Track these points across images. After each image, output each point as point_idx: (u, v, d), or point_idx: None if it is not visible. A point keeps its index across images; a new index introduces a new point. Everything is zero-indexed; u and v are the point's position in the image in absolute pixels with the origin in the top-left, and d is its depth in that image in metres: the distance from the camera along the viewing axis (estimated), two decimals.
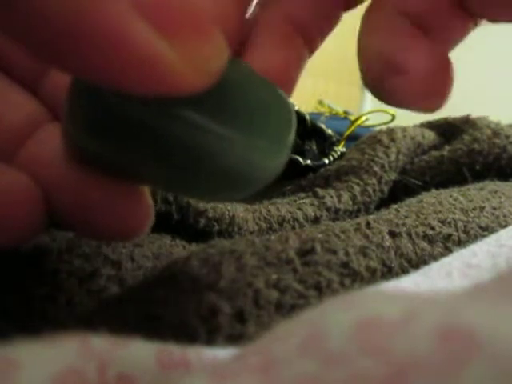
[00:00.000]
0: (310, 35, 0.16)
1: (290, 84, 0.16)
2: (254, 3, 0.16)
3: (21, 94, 0.16)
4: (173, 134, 0.12)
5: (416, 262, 0.17)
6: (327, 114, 0.47)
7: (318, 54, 0.18)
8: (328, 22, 0.17)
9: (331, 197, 0.26)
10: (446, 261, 0.16)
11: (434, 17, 0.16)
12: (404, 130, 0.31)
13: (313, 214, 0.25)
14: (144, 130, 0.12)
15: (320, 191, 0.26)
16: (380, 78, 0.16)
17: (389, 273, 0.16)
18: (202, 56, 0.11)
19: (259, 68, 0.15)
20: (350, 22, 0.17)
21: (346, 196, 0.26)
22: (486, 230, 0.20)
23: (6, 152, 0.15)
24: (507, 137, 0.29)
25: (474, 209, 0.21)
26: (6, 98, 0.16)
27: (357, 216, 0.26)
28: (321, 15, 0.16)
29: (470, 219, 0.20)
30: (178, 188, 0.15)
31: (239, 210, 0.23)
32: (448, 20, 0.16)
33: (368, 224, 0.18)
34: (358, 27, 0.18)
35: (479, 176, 0.27)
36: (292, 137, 0.14)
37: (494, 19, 0.16)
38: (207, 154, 0.12)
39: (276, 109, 0.14)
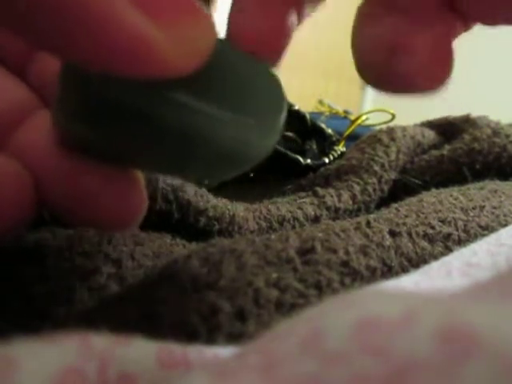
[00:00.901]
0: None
1: (278, 52, 0.16)
2: None
3: (10, 80, 0.16)
4: (163, 116, 0.12)
5: (416, 261, 0.17)
6: (327, 114, 0.47)
7: (317, 53, 0.18)
8: None
9: (331, 196, 0.26)
10: (446, 260, 0.16)
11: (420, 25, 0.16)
12: (404, 129, 0.31)
13: (313, 213, 0.25)
14: (134, 114, 0.12)
15: (320, 190, 0.26)
16: (386, 62, 0.16)
17: (389, 272, 0.16)
18: (189, 37, 0.11)
19: (244, 35, 0.15)
20: (350, 22, 0.17)
21: (346, 195, 0.26)
22: (486, 229, 0.20)
23: None
24: (507, 136, 0.29)
25: (474, 208, 0.21)
26: None
27: (357, 215, 0.26)
28: None
29: (470, 218, 0.20)
30: (170, 170, 0.14)
31: (239, 210, 0.23)
32: (435, 24, 0.16)
33: (368, 223, 0.18)
34: None
35: (479, 175, 0.27)
36: (283, 115, 0.14)
37: (486, 22, 0.16)
38: (199, 135, 0.12)
39: (266, 88, 0.14)
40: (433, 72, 0.16)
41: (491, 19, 0.15)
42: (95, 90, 0.12)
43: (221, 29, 0.16)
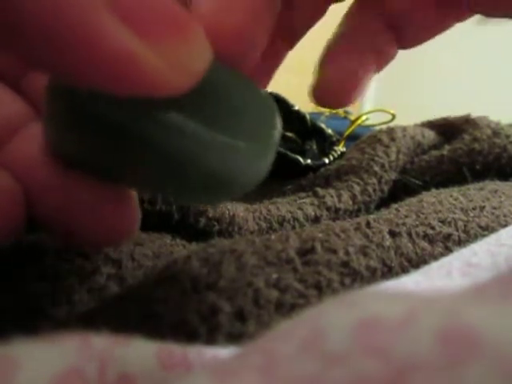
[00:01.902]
0: (293, 33, 0.16)
1: (264, 80, 0.16)
2: None
3: (3, 91, 0.16)
4: (151, 136, 0.12)
5: (416, 262, 0.17)
6: (327, 114, 0.47)
7: (317, 54, 0.18)
8: (312, 18, 0.17)
9: (331, 196, 0.26)
10: (446, 260, 0.16)
11: (411, 11, 0.17)
12: (404, 129, 0.31)
13: (313, 213, 0.25)
14: (122, 131, 0.12)
15: (320, 191, 0.26)
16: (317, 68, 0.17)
17: (389, 272, 0.16)
18: (181, 56, 0.10)
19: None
20: None
21: (346, 195, 0.26)
22: (486, 230, 0.20)
23: None
24: (507, 136, 0.29)
25: (474, 208, 0.21)
26: None
27: (357, 215, 0.26)
28: (306, 8, 0.16)
29: (470, 219, 0.20)
30: (160, 190, 0.14)
31: (239, 210, 0.23)
32: (427, 14, 0.17)
33: (368, 223, 0.18)
34: None
35: (479, 176, 0.27)
36: (275, 138, 0.14)
37: (488, 13, 0.16)
38: (187, 156, 0.12)
39: (259, 109, 0.13)
40: (333, 95, 0.17)
41: (493, 10, 0.16)
42: (82, 105, 0.12)
43: None
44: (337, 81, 0.17)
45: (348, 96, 0.17)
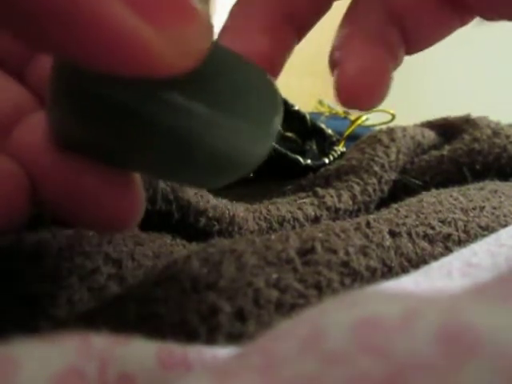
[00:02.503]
0: (300, 22, 0.16)
1: (274, 70, 0.16)
2: None
3: (8, 80, 0.16)
4: (156, 117, 0.12)
5: (416, 262, 0.17)
6: (327, 114, 0.47)
7: (317, 53, 0.18)
8: (318, 10, 0.17)
9: (331, 196, 0.26)
10: (446, 260, 0.16)
11: (416, 15, 0.16)
12: (404, 129, 0.31)
13: (313, 213, 0.25)
14: (127, 113, 0.12)
15: (320, 191, 0.26)
16: (331, 70, 0.17)
17: (389, 272, 0.16)
18: (185, 37, 0.10)
19: (242, 51, 0.15)
20: None
21: (346, 195, 0.26)
22: (486, 230, 0.20)
23: None
24: (507, 136, 0.29)
25: (474, 208, 0.21)
26: None
27: (357, 215, 0.26)
28: (312, 2, 0.16)
29: (470, 219, 0.20)
30: (164, 173, 0.14)
31: (239, 210, 0.23)
32: (432, 18, 0.16)
33: (368, 223, 0.18)
34: None
35: (479, 176, 0.27)
36: (278, 120, 0.14)
37: (487, 16, 0.16)
38: (192, 137, 0.12)
39: (262, 93, 0.14)
40: (360, 93, 0.16)
41: (492, 13, 0.16)
42: (87, 88, 0.12)
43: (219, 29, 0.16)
44: (362, 76, 0.16)
45: (376, 93, 0.16)
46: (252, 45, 0.15)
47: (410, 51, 0.17)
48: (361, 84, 0.16)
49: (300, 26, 0.16)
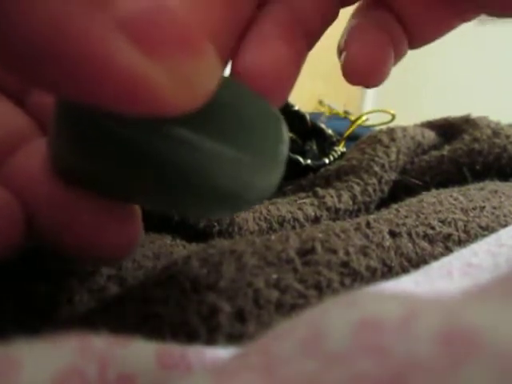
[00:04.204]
0: (311, 31, 0.16)
1: (291, 79, 0.16)
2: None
3: (8, 106, 0.16)
4: (159, 151, 0.12)
5: (416, 262, 0.17)
6: (327, 114, 0.47)
7: (317, 54, 0.18)
8: (327, 18, 0.17)
9: (331, 196, 0.26)
10: (446, 260, 0.16)
11: (417, 13, 0.17)
12: (404, 129, 0.31)
13: (313, 213, 0.25)
14: (131, 148, 0.12)
15: (320, 191, 0.26)
16: (338, 56, 0.18)
17: (389, 272, 0.16)
18: (192, 75, 0.10)
19: (260, 61, 0.15)
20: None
21: (346, 196, 0.26)
22: (487, 230, 0.20)
23: None
24: (507, 136, 0.29)
25: (474, 208, 0.21)
26: None
27: (357, 216, 0.26)
28: (321, 11, 0.17)
29: (471, 219, 0.20)
30: (166, 205, 0.14)
31: None
32: (433, 15, 0.17)
33: (368, 224, 0.18)
34: None
35: (479, 176, 0.27)
36: (283, 154, 0.14)
37: (492, 13, 0.16)
38: (197, 174, 0.12)
39: (267, 126, 0.13)
40: (364, 69, 0.17)
41: (495, 10, 0.16)
42: (91, 124, 0.12)
43: None
44: (365, 55, 0.17)
45: (377, 69, 0.17)
46: (270, 53, 0.15)
47: (413, 46, 0.18)
48: (365, 61, 0.17)
49: (311, 35, 0.17)
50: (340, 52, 0.17)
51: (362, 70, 0.17)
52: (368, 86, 0.17)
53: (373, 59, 0.17)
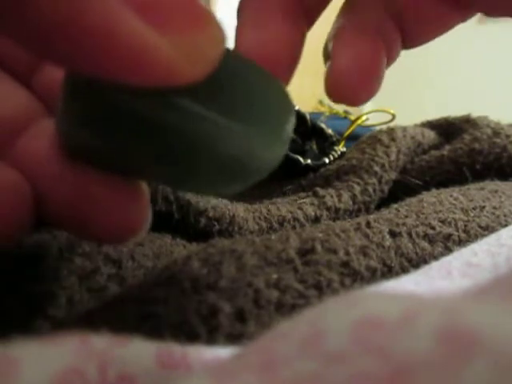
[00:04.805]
0: (311, 8, 0.16)
1: (293, 58, 0.16)
2: None
3: (14, 87, 0.16)
4: (169, 124, 0.12)
5: (416, 262, 0.17)
6: (327, 114, 0.47)
7: (317, 53, 0.18)
8: None
9: (331, 196, 0.26)
10: (446, 260, 0.16)
11: (414, 9, 0.16)
12: (404, 129, 0.31)
13: (313, 213, 0.25)
14: (140, 121, 0.12)
15: (320, 191, 0.26)
16: (325, 62, 0.17)
17: (389, 272, 0.16)
18: (197, 45, 0.10)
19: (261, 41, 0.15)
20: None
21: (346, 195, 0.26)
22: (487, 230, 0.20)
23: None
24: (507, 136, 0.29)
25: (474, 208, 0.21)
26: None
27: (357, 215, 0.26)
28: None
29: (471, 219, 0.20)
30: (175, 181, 0.14)
31: (239, 210, 0.23)
32: (430, 13, 0.16)
33: (368, 223, 0.18)
34: None
35: (479, 175, 0.27)
36: (290, 126, 0.14)
37: (489, 12, 0.16)
38: (205, 143, 0.12)
39: (274, 98, 0.14)
40: (350, 89, 0.15)
41: (493, 10, 0.16)
42: (99, 97, 0.12)
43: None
44: (353, 67, 0.15)
45: (367, 86, 0.15)
46: (273, 32, 0.15)
47: (408, 45, 0.17)
48: (350, 80, 0.15)
49: (311, 13, 0.16)
50: (325, 56, 0.17)
51: (349, 87, 0.15)
52: (353, 104, 0.16)
53: (362, 75, 0.15)
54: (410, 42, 0.17)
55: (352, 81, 0.15)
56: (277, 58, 0.15)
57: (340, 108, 0.48)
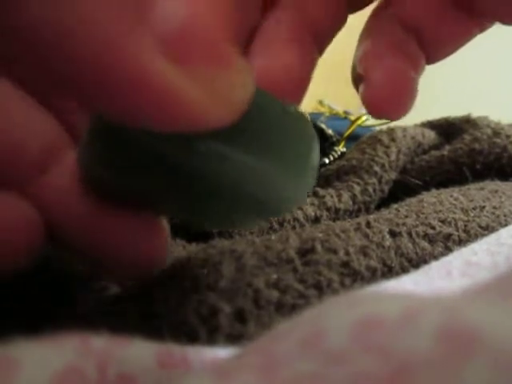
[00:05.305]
0: (321, 34, 0.16)
1: (303, 82, 0.16)
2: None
3: (42, 116, 0.15)
4: (192, 166, 0.12)
5: (416, 262, 0.17)
6: (327, 114, 0.47)
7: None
8: (336, 22, 0.17)
9: (331, 196, 0.26)
10: (446, 260, 0.16)
11: (433, 25, 0.16)
12: (404, 129, 0.31)
13: (313, 213, 0.25)
14: (162, 161, 0.12)
15: (320, 191, 0.26)
16: (355, 84, 0.17)
17: (389, 272, 0.16)
18: (225, 90, 0.10)
19: (272, 66, 0.15)
20: (351, 22, 0.17)
21: (346, 196, 0.26)
22: (487, 230, 0.20)
23: (21, 180, 0.14)
24: (508, 136, 0.29)
25: (474, 208, 0.21)
26: (25, 122, 0.15)
27: (357, 216, 0.26)
28: (330, 14, 0.16)
29: (471, 219, 0.20)
30: (193, 216, 0.14)
31: None
32: (449, 27, 0.16)
33: (368, 223, 0.18)
34: (357, 28, 0.18)
35: (479, 175, 0.27)
36: (314, 164, 0.14)
37: (505, 21, 0.16)
38: (226, 182, 0.12)
39: (298, 137, 0.13)
40: (388, 103, 0.16)
41: (509, 17, 0.16)
42: (122, 136, 0.12)
43: None
44: (389, 84, 0.16)
45: (404, 101, 0.16)
46: (282, 58, 0.15)
47: (431, 61, 0.18)
48: (388, 96, 0.16)
49: (321, 40, 0.17)
50: (356, 78, 0.17)
51: (389, 103, 0.16)
52: (394, 118, 0.16)
53: (399, 91, 0.16)
54: (433, 57, 0.17)
55: (390, 96, 0.16)
56: (285, 84, 0.15)
57: (340, 108, 0.48)
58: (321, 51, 0.17)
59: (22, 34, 0.09)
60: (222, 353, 0.11)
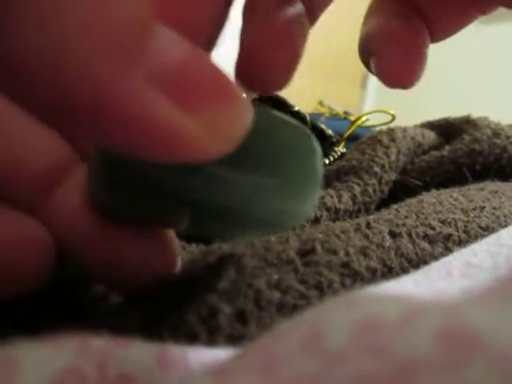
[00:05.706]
0: (313, 8, 0.17)
1: (294, 51, 0.16)
2: None
3: (49, 135, 0.15)
4: (194, 190, 0.12)
5: (416, 262, 0.17)
6: (327, 115, 0.47)
7: (318, 54, 0.18)
8: None
9: (331, 197, 0.26)
10: (446, 260, 0.16)
11: (439, 6, 0.17)
12: (404, 130, 0.31)
13: (313, 214, 0.25)
14: (165, 189, 0.12)
15: (320, 191, 0.26)
16: (365, 59, 0.18)
17: (389, 273, 0.16)
18: (224, 124, 0.10)
19: (265, 33, 0.15)
20: (351, 22, 0.18)
21: (346, 196, 0.26)
22: (487, 230, 0.20)
23: (27, 198, 0.14)
24: (507, 137, 0.29)
25: (474, 209, 0.21)
26: (32, 141, 0.15)
27: (357, 216, 0.26)
28: None
29: (471, 219, 0.20)
30: (201, 233, 0.15)
31: None
32: (452, 7, 0.17)
33: (368, 224, 0.18)
34: (357, 28, 0.18)
35: (479, 176, 0.27)
36: (318, 177, 0.14)
37: (509, 5, 0.16)
38: (230, 205, 0.12)
39: (301, 153, 0.14)
40: (404, 73, 0.17)
41: None
42: (125, 165, 0.12)
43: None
44: (403, 57, 0.17)
45: (417, 71, 0.17)
46: (273, 26, 0.16)
47: (434, 40, 0.18)
48: (403, 67, 0.17)
49: (313, 10, 0.17)
50: (366, 55, 0.18)
51: (403, 72, 0.17)
52: (407, 87, 0.17)
53: (412, 60, 0.17)
54: (436, 35, 0.18)
55: (404, 67, 0.17)
56: (275, 50, 0.15)
57: (340, 109, 0.48)
58: (312, 22, 0.17)
59: (9, 60, 0.08)
60: (222, 354, 0.11)
